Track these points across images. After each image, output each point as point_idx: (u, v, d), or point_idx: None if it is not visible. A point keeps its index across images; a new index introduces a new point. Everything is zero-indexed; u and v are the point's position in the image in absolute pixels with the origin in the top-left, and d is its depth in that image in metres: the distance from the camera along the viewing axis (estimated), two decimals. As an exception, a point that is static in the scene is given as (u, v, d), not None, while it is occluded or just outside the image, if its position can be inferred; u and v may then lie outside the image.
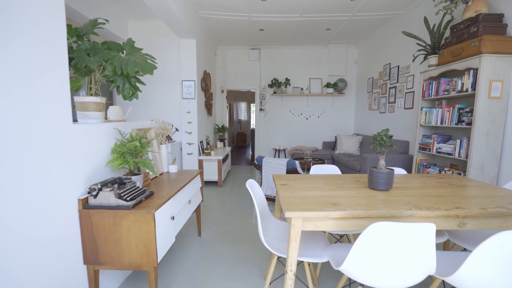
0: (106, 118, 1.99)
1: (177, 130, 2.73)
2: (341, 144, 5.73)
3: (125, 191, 1.57)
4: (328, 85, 6.27)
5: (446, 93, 3.12)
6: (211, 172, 4.65)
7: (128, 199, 1.51)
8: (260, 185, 3.41)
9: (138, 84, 1.84)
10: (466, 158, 2.79)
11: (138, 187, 1.71)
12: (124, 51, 1.79)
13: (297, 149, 5.91)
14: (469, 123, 2.78)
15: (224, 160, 4.91)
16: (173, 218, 1.81)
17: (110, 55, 1.66)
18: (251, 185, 1.71)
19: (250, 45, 6.29)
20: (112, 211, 1.49)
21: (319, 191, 1.63)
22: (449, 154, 3.05)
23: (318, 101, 6.63)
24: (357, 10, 4.16)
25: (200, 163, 4.61)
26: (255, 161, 3.34)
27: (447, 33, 3.30)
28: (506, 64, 2.62)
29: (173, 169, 2.56)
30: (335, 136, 6.33)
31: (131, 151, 1.75)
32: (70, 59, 1.59)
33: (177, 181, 2.17)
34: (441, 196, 1.54)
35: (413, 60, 3.68)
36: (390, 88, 4.85)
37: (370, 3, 3.92)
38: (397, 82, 4.60)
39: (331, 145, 6.54)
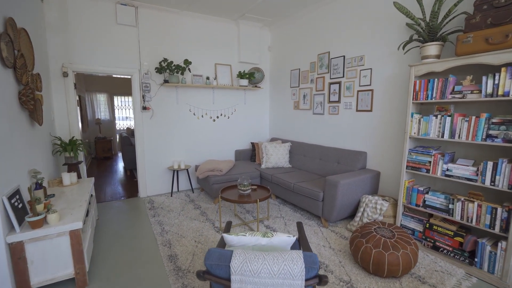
0: None
1: None
2: (269, 155, 4.34)
3: None
4: (242, 75, 4.65)
5: (458, 95, 2.27)
6: (55, 263, 2.01)
7: None
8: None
9: None
10: (510, 188, 2.01)
11: None
12: None
13: (212, 169, 4.00)
14: (508, 140, 2.00)
15: (86, 215, 2.32)
16: None
17: None
18: None
19: (118, -4, 3.63)
20: None
21: None
22: (468, 179, 2.24)
23: (227, 96, 4.90)
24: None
25: (17, 250, 1.85)
26: (208, 270, 1.24)
27: (455, 14, 2.44)
28: (550, 61, 1.96)
29: None
30: (253, 144, 4.89)
31: None
32: None
33: None
34: None
35: (399, 48, 2.69)
36: (331, 83, 3.85)
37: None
38: (343, 76, 3.64)
39: (247, 155, 5.05)
